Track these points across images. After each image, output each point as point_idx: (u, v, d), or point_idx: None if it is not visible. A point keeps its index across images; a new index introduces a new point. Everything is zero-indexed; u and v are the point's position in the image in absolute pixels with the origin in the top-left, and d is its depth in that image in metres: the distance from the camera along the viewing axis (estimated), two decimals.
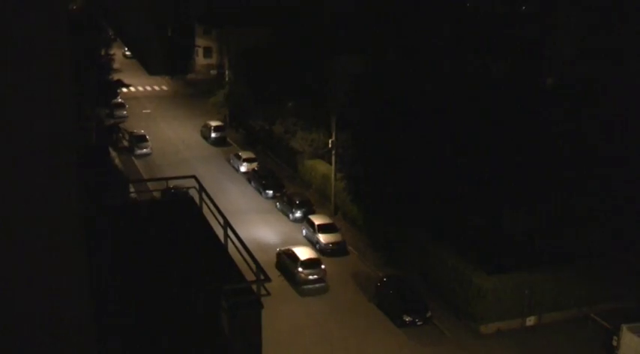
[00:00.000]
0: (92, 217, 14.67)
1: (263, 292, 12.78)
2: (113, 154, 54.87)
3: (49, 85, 5.47)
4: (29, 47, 5.33)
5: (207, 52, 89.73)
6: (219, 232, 15.95)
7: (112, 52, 64.11)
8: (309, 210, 49.09)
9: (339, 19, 50.77)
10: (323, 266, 40.76)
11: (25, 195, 5.49)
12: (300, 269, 40.08)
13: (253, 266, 13.18)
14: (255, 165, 58.10)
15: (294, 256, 40.76)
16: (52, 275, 5.74)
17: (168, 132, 69.46)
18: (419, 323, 36.64)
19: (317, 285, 40.37)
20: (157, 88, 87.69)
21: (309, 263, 40.22)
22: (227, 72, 71.35)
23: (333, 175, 50.01)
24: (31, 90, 5.39)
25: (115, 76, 59.32)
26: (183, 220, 17.46)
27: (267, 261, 40.39)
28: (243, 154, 60.12)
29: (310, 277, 40.19)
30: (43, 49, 5.39)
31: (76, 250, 5.88)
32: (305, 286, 40.18)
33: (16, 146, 5.36)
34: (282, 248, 42.60)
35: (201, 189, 17.81)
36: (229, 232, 15.41)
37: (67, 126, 5.67)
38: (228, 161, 61.27)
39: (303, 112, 55.76)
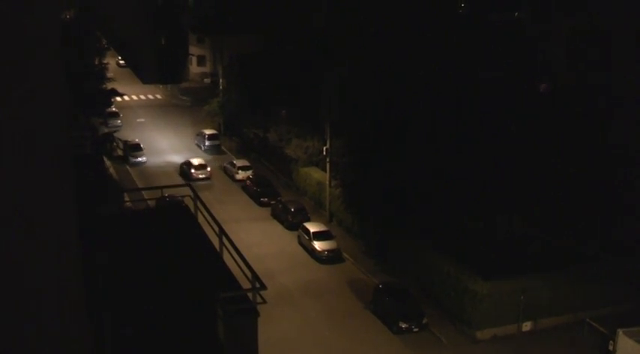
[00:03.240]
0: (87, 226, 14.63)
1: (259, 300, 12.76)
2: (108, 163, 54.76)
3: (41, 94, 5.47)
4: (22, 57, 5.33)
5: (201, 60, 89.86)
6: (215, 240, 15.93)
7: (105, 61, 64.11)
8: (304, 217, 49.07)
9: (332, 25, 50.89)
10: (209, 169, 59.07)
11: (22, 204, 5.49)
12: (192, 171, 57.87)
13: (249, 274, 13.17)
14: (249, 173, 58.09)
15: (189, 163, 59.19)
16: (48, 284, 5.73)
17: (162, 140, 69.39)
18: (415, 330, 36.61)
19: (204, 182, 57.57)
20: (150, 96, 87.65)
21: (198, 166, 58.60)
22: (221, 80, 71.38)
23: (327, 183, 50.01)
24: (25, 100, 5.39)
25: (109, 85, 59.32)
26: (178, 228, 17.44)
27: (261, 268, 40.31)
28: (238, 162, 60.10)
29: (200, 175, 57.95)
30: (35, 59, 5.40)
31: (72, 259, 5.88)
32: (196, 182, 54.89)
33: (11, 156, 5.36)
34: (184, 160, 60.77)
35: (196, 197, 17.80)
36: (224, 240, 15.40)
37: (61, 135, 5.67)
38: (223, 169, 61.24)
39: (297, 120, 55.83)
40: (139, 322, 12.81)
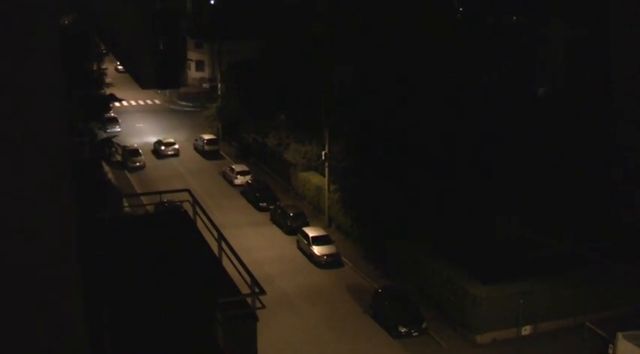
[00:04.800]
0: (86, 231, 14.63)
1: (258, 304, 12.75)
2: (106, 168, 54.72)
3: (40, 99, 5.47)
4: (21, 61, 5.33)
5: (200, 65, 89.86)
6: (214, 245, 15.91)
7: (104, 66, 64.12)
8: (303, 222, 49.05)
9: (331, 31, 50.94)
10: (177, 146, 66.33)
11: (21, 209, 5.48)
12: (162, 148, 65.93)
13: (248, 279, 13.15)
14: (248, 178, 58.08)
15: (160, 142, 66.78)
16: (48, 288, 5.72)
17: None
18: (414, 334, 36.57)
19: (173, 157, 65.55)
20: (149, 102, 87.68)
21: (167, 144, 66.37)
22: (219, 85, 71.42)
23: (326, 187, 49.99)
24: (23, 105, 5.39)
25: (108, 91, 59.26)
26: (177, 233, 17.43)
27: (260, 273, 40.29)
28: (237, 167, 60.10)
29: (168, 152, 65.82)
30: (34, 63, 5.40)
31: (71, 263, 5.87)
32: (165, 159, 65.12)
33: (9, 161, 5.35)
34: (157, 139, 68.20)
35: (195, 202, 17.79)
36: (223, 245, 15.38)
37: (60, 140, 5.66)
38: (222, 174, 61.23)
39: (296, 125, 55.83)
40: (139, 327, 12.79)
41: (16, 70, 5.31)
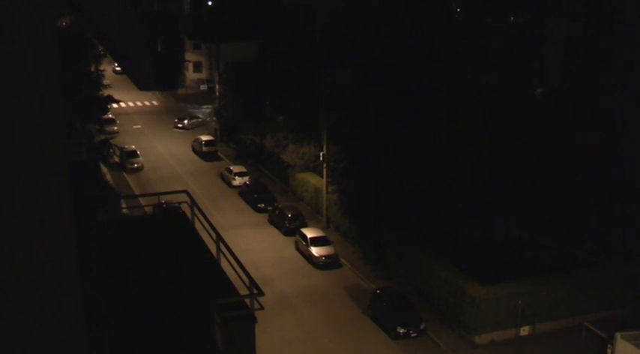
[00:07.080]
0: (85, 233, 14.60)
1: (256, 306, 12.73)
2: (104, 169, 54.70)
3: (37, 101, 5.46)
4: (17, 63, 5.32)
5: (198, 66, 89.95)
6: (212, 246, 15.90)
7: (102, 67, 64.10)
8: (301, 223, 49.04)
9: (330, 31, 50.94)
10: (186, 121, 75.55)
11: (18, 212, 5.47)
12: (176, 120, 77.15)
13: (246, 280, 13.14)
14: (246, 179, 58.07)
15: (177, 119, 77.13)
16: (46, 291, 5.71)
17: (159, 147, 69.40)
18: (413, 335, 36.58)
19: (181, 130, 75.02)
20: (147, 103, 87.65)
21: (178, 120, 77.35)
22: (217, 86, 71.43)
23: (324, 188, 50.00)
24: (20, 106, 5.38)
25: (106, 92, 59.27)
26: (175, 235, 17.41)
27: (259, 274, 40.30)
28: (235, 168, 60.09)
29: (179, 125, 76.04)
30: (31, 65, 5.39)
31: (70, 266, 5.86)
32: (175, 128, 74.96)
33: (6, 163, 5.34)
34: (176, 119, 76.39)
35: (193, 204, 17.77)
36: (222, 247, 15.37)
37: (57, 142, 5.65)
38: (220, 176, 61.21)
39: (293, 126, 55.83)
40: (137, 328, 12.78)
41: (12, 71, 5.30)
